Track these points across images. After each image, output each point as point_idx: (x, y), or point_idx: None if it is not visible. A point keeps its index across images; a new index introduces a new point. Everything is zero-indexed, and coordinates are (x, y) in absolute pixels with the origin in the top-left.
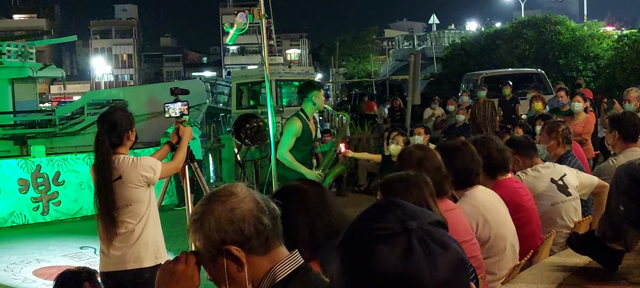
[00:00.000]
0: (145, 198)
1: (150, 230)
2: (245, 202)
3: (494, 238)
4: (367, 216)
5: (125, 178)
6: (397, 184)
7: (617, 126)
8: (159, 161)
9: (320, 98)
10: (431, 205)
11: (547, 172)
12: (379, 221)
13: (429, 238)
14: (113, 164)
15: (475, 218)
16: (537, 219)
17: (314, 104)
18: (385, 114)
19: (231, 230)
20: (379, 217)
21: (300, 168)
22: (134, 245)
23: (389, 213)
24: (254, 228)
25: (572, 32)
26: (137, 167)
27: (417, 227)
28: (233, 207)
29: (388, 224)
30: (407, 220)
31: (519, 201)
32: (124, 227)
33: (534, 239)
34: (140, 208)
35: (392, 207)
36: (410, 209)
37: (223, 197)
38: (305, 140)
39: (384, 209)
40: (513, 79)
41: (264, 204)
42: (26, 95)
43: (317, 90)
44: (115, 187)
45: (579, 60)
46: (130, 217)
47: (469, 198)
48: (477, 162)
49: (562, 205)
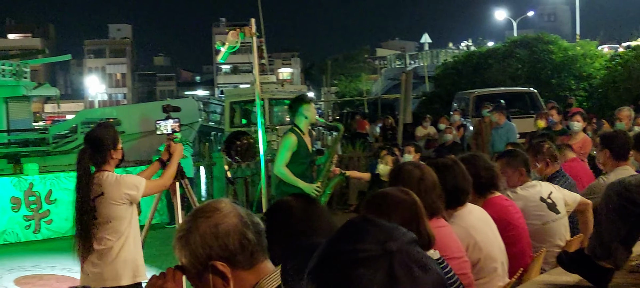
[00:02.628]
0: (127, 215)
1: (130, 248)
2: (229, 217)
3: (484, 260)
4: (342, 237)
5: (108, 194)
6: (384, 202)
7: (608, 144)
8: (144, 179)
9: (311, 110)
10: (420, 221)
11: (535, 191)
12: (357, 243)
13: (410, 261)
14: (96, 181)
15: (465, 241)
16: (527, 237)
17: (305, 117)
18: (377, 132)
19: (216, 246)
20: (356, 238)
21: (297, 182)
22: (112, 262)
23: (366, 233)
24: (238, 243)
25: (564, 51)
26: (120, 184)
27: (397, 249)
28: (217, 223)
29: (366, 246)
30: (386, 242)
31: (508, 219)
32: (103, 243)
33: (524, 257)
34: (120, 225)
35: (368, 227)
36: (388, 228)
37: (208, 213)
38: (303, 154)
39: (361, 229)
40: (505, 98)
41: (248, 219)
42: (20, 114)
43: (306, 104)
44: (97, 203)
45: (572, 80)
46: (109, 234)
47: (458, 219)
48: (467, 180)
49: (552, 224)
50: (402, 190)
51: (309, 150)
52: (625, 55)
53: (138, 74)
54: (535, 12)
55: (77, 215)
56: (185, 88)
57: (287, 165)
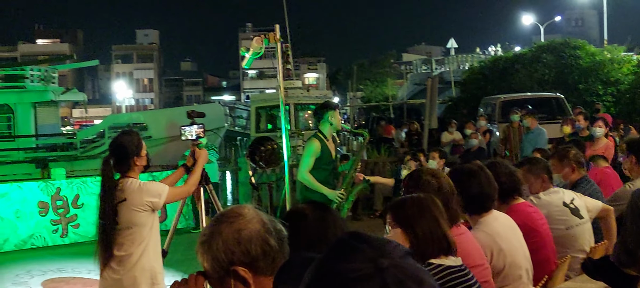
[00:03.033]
0: (148, 222)
1: (150, 255)
2: (252, 223)
3: (509, 267)
4: (332, 256)
5: (130, 201)
6: (409, 207)
7: (634, 151)
8: (167, 186)
9: (337, 117)
10: (444, 227)
11: (558, 196)
12: (347, 261)
13: (403, 276)
14: (119, 187)
15: (490, 248)
16: (552, 244)
17: (330, 124)
18: (403, 138)
19: (238, 251)
20: (347, 256)
21: (321, 188)
22: (131, 269)
23: (356, 251)
24: (260, 249)
25: (591, 56)
26: (143, 191)
27: (389, 264)
28: (240, 228)
29: (357, 265)
30: (377, 258)
31: (533, 225)
32: (124, 249)
33: (549, 264)
34: (141, 232)
35: (358, 244)
36: (379, 244)
37: (230, 218)
38: (326, 160)
39: (351, 247)
40: (531, 103)
41: (271, 225)
42: (48, 119)
43: (332, 110)
44: (119, 209)
45: (599, 85)
46: (130, 240)
47: (483, 225)
48: (493, 186)
49: (576, 228)
50: (426, 196)
51: (332, 157)
52: None
53: (165, 79)
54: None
55: (99, 220)
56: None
57: (310, 171)
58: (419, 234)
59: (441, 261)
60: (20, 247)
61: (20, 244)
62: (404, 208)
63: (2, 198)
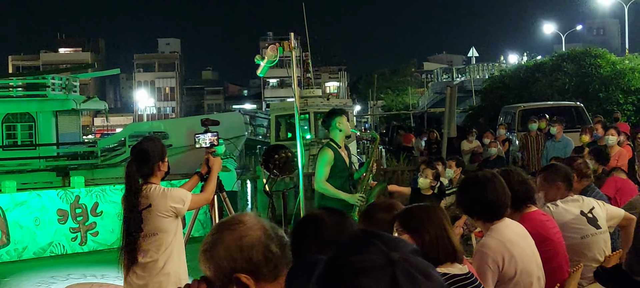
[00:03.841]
0: (172, 228)
1: (175, 261)
2: (253, 230)
3: (520, 274)
4: (346, 249)
5: (155, 207)
6: (417, 214)
7: None
8: (189, 193)
9: (345, 123)
10: (450, 234)
11: (576, 205)
12: (360, 253)
13: (413, 269)
14: (143, 193)
15: (501, 254)
16: (565, 252)
17: (340, 130)
18: (422, 146)
19: (240, 258)
20: (359, 249)
21: (340, 194)
22: (157, 275)
23: (369, 245)
24: (262, 255)
25: (612, 65)
26: (167, 197)
27: (399, 258)
28: (242, 236)
29: (370, 256)
30: (389, 252)
31: (545, 234)
32: (149, 256)
33: (561, 273)
34: (166, 238)
35: (371, 239)
36: (390, 240)
37: (232, 225)
38: (340, 167)
39: (363, 241)
40: (551, 112)
41: (273, 232)
42: (70, 127)
43: (339, 116)
44: (144, 215)
45: (620, 94)
46: (155, 247)
47: (495, 232)
48: (506, 194)
49: (592, 238)
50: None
51: (346, 164)
52: None
53: (186, 87)
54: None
55: (124, 226)
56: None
57: (327, 180)
58: (426, 240)
59: (448, 269)
60: (39, 255)
61: (40, 252)
62: (412, 215)
63: (22, 206)
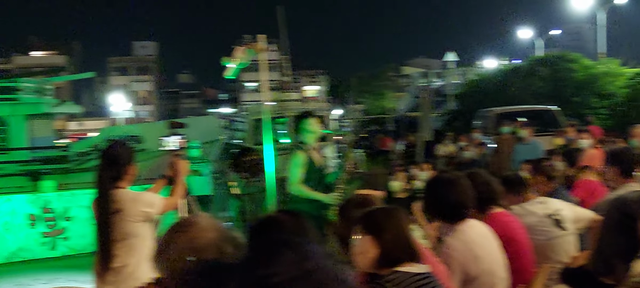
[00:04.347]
0: (143, 233)
1: (146, 266)
2: (206, 231)
3: (484, 275)
4: (256, 261)
5: (125, 212)
6: (380, 217)
7: (615, 161)
8: (160, 196)
9: (315, 125)
10: (410, 235)
11: (542, 207)
12: (271, 266)
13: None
14: (114, 198)
15: (464, 255)
16: (530, 253)
17: (310, 132)
18: (400, 149)
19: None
20: (271, 261)
21: (316, 195)
22: (127, 279)
23: (280, 256)
24: (216, 257)
25: (586, 69)
26: (137, 201)
27: (313, 268)
28: (195, 237)
29: (283, 268)
30: (302, 262)
31: (510, 235)
32: (120, 261)
33: (526, 273)
34: (137, 243)
35: (283, 248)
36: (302, 248)
37: (185, 227)
38: (312, 169)
39: (275, 251)
40: (526, 116)
41: (227, 233)
42: (42, 132)
43: (309, 119)
44: (114, 220)
45: (594, 98)
46: (126, 252)
47: (459, 233)
48: (469, 196)
49: (557, 240)
50: (393, 206)
51: (318, 166)
52: None
53: (163, 91)
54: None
55: (95, 232)
56: (210, 105)
57: None
58: (386, 241)
59: (408, 268)
60: (10, 260)
61: (10, 257)
62: (372, 218)
63: None
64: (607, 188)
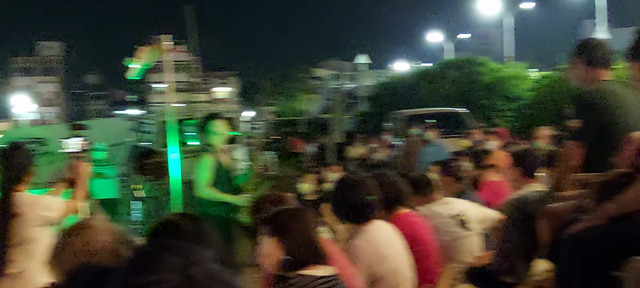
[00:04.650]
0: (43, 238)
1: (44, 271)
2: (102, 234)
3: (390, 275)
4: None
5: (24, 216)
6: (286, 219)
7: (518, 162)
8: (61, 200)
9: (222, 126)
10: (317, 237)
11: (447, 208)
12: (153, 273)
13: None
14: (12, 201)
15: (370, 255)
16: (436, 253)
17: (217, 134)
18: (311, 151)
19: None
20: (152, 268)
21: (225, 197)
22: (24, 286)
23: (163, 262)
24: (111, 260)
25: (494, 72)
26: (36, 205)
27: (198, 273)
28: (89, 240)
29: (164, 275)
30: (186, 268)
31: (416, 235)
32: (18, 266)
33: (432, 273)
34: (36, 248)
35: (164, 254)
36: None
37: (80, 230)
38: (221, 172)
39: (156, 258)
40: (436, 118)
41: (122, 236)
42: None
43: (215, 120)
44: (12, 225)
45: (501, 101)
46: (24, 257)
47: (365, 234)
48: (375, 196)
49: (462, 240)
50: (300, 207)
51: (226, 168)
52: (552, 76)
53: (70, 92)
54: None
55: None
56: (118, 107)
57: None
58: (293, 243)
59: (313, 271)
60: None
61: None
62: (278, 219)
63: None
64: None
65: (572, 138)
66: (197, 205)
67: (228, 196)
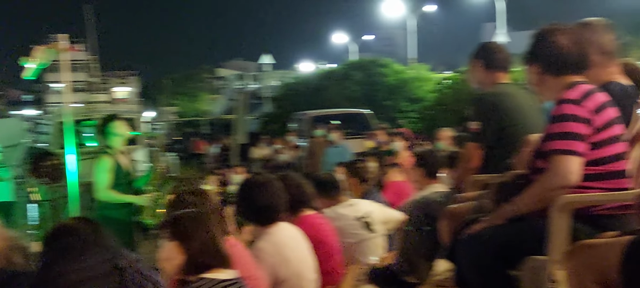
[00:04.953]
0: None
1: None
2: None
3: (294, 277)
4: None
5: None
6: (187, 222)
7: (421, 163)
8: None
9: (122, 127)
10: (219, 241)
11: (352, 210)
12: (82, 262)
13: (140, 276)
14: None
15: (274, 257)
16: (339, 254)
17: (117, 136)
18: (214, 153)
19: None
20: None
21: (127, 198)
22: None
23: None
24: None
25: (397, 74)
26: None
27: (126, 265)
28: None
29: (93, 263)
30: (114, 259)
31: (320, 237)
32: None
33: (336, 274)
34: None
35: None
36: (113, 248)
37: None
38: (120, 174)
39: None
40: (340, 119)
41: (16, 242)
42: None
43: (114, 121)
44: None
45: (405, 102)
46: None
47: (269, 236)
48: (280, 198)
49: (366, 242)
50: (202, 211)
51: (126, 170)
52: (453, 78)
53: None
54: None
55: None
56: (14, 107)
57: None
58: (194, 247)
59: (215, 275)
60: None
61: None
62: (180, 223)
63: None
64: (415, 189)
65: (472, 140)
66: (97, 208)
67: (130, 197)
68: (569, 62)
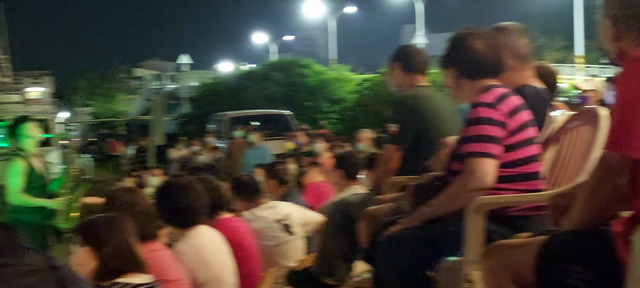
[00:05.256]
0: None
1: None
2: None
3: (212, 280)
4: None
5: None
6: (100, 227)
7: (341, 165)
8: None
9: (35, 129)
10: (133, 245)
11: (272, 212)
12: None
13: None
14: None
15: (193, 261)
16: (257, 257)
17: (29, 137)
18: (131, 154)
19: None
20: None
21: (41, 202)
22: None
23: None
24: None
25: (318, 75)
26: None
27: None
28: None
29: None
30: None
31: (238, 240)
32: None
33: (254, 277)
34: None
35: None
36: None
37: None
38: (33, 177)
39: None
40: (260, 120)
41: None
42: None
43: (25, 123)
44: None
45: (325, 103)
46: None
47: (189, 239)
48: (200, 201)
49: (286, 244)
50: (115, 215)
51: (40, 173)
52: (373, 79)
53: None
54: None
55: None
56: None
57: None
58: (107, 252)
59: (129, 279)
60: None
61: None
62: (93, 228)
63: None
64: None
65: (391, 141)
66: (9, 212)
67: (44, 200)
68: (484, 66)
